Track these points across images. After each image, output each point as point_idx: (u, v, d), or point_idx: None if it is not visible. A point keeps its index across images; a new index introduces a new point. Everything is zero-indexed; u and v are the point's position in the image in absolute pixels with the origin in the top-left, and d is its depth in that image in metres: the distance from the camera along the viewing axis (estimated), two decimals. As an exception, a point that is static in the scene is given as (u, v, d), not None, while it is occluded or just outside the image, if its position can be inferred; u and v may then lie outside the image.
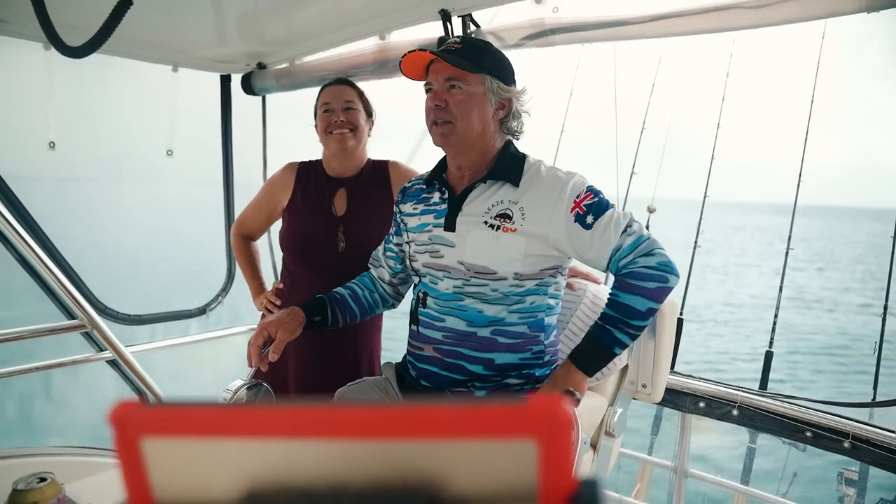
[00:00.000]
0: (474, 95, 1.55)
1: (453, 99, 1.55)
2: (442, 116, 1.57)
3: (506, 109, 1.61)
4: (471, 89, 1.55)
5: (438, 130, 1.58)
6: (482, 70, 1.55)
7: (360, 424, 0.38)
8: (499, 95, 1.58)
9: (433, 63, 1.58)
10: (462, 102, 1.55)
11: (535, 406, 0.36)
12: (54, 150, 2.43)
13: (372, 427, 0.38)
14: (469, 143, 1.59)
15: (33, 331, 2.27)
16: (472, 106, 1.55)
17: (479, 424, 0.37)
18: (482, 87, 1.56)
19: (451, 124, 1.56)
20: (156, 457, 0.40)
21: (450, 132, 1.57)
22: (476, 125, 1.57)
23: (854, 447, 2.03)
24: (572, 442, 0.37)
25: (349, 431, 0.38)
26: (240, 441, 0.40)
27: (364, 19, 2.42)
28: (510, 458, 0.37)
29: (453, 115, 1.55)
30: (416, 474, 0.38)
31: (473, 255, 1.55)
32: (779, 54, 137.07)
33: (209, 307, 3.11)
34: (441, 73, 1.56)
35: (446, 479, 0.38)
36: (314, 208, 2.14)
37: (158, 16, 2.27)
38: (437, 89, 1.57)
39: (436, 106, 1.57)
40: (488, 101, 1.57)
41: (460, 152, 1.62)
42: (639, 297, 1.47)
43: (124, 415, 0.40)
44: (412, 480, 0.38)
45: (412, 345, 1.70)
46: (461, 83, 1.54)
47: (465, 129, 1.56)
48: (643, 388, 1.97)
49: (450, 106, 1.55)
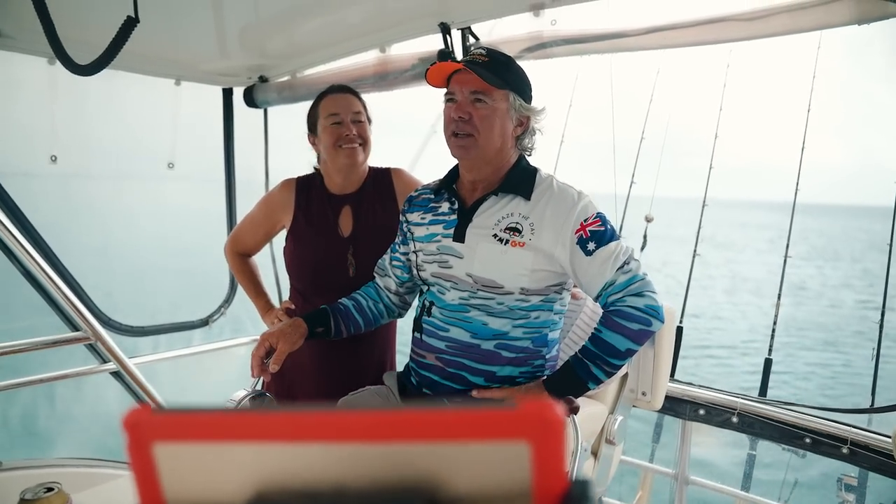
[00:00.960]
0: (498, 111, 1.56)
1: (478, 113, 1.55)
2: (464, 129, 1.56)
3: (524, 127, 1.63)
4: (495, 105, 1.55)
5: (459, 143, 1.58)
6: (507, 86, 1.56)
7: (360, 428, 0.40)
8: (520, 112, 1.59)
9: (457, 73, 1.58)
10: (486, 118, 1.55)
11: (528, 409, 0.38)
12: (56, 164, 2.45)
13: (372, 430, 0.40)
14: (488, 158, 1.60)
15: (37, 343, 2.29)
16: (494, 121, 1.56)
17: (473, 427, 0.39)
18: (506, 104, 1.56)
19: (473, 138, 1.56)
20: (167, 461, 0.42)
21: (471, 146, 1.57)
22: (496, 141, 1.57)
23: (852, 453, 2.05)
24: (564, 444, 0.39)
25: (350, 435, 0.40)
26: (247, 445, 0.42)
27: (364, 33, 2.45)
28: (504, 459, 0.39)
29: (476, 129, 1.55)
30: (414, 476, 0.40)
31: (482, 269, 1.56)
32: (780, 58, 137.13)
33: (212, 318, 3.13)
34: (467, 85, 1.55)
35: (444, 481, 0.40)
36: (319, 231, 2.06)
37: (161, 30, 2.30)
38: (461, 101, 1.56)
39: (459, 118, 1.56)
40: (510, 118, 1.58)
41: (477, 166, 1.62)
42: (620, 337, 1.48)
43: (137, 420, 0.42)
44: (411, 482, 0.40)
45: (415, 352, 1.72)
46: (486, 97, 1.54)
47: (486, 144, 1.57)
48: (643, 396, 1.98)
49: (473, 119, 1.55)
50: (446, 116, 1.61)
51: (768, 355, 3.15)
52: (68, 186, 2.98)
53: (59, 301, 2.31)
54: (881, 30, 1.71)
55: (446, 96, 1.61)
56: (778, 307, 3.18)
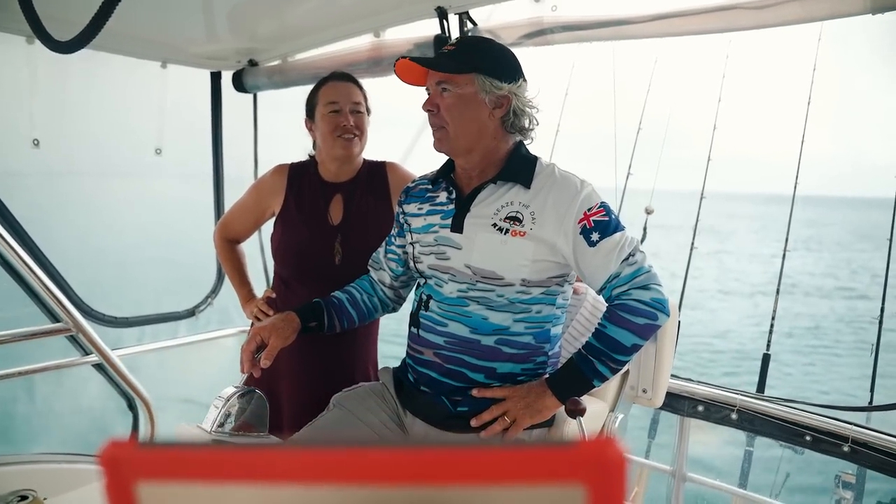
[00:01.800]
0: (463, 97, 1.50)
1: (444, 103, 1.51)
2: (434, 122, 1.54)
3: (504, 107, 1.54)
4: (460, 91, 1.50)
5: (435, 136, 1.56)
6: (470, 69, 1.49)
7: (382, 468, 0.34)
8: (492, 93, 1.51)
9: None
10: (452, 106, 1.51)
11: (586, 448, 0.32)
12: (38, 148, 2.36)
13: (397, 471, 0.34)
14: (466, 146, 1.55)
15: (16, 334, 2.21)
16: (462, 108, 1.50)
17: (520, 468, 0.32)
18: (472, 87, 1.50)
19: (444, 129, 1.52)
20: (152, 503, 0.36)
21: (444, 137, 1.53)
22: (469, 126, 1.52)
23: (854, 451, 2.02)
24: (626, 487, 0.33)
25: (370, 476, 0.34)
26: (247, 487, 0.35)
27: (359, 16, 2.38)
28: (557, 503, 0.33)
29: (444, 120, 1.52)
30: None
31: (480, 259, 1.51)
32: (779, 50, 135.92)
33: (198, 309, 3.06)
34: (433, 77, 1.53)
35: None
36: (309, 217, 2.03)
37: (147, 10, 2.21)
38: (431, 94, 1.54)
39: (428, 111, 1.54)
40: (482, 101, 1.51)
41: (459, 155, 1.58)
42: (626, 332, 1.44)
43: (117, 456, 0.36)
44: (443, 530, 0.34)
45: (412, 347, 1.66)
46: (450, 85, 1.50)
47: (458, 133, 1.52)
48: (643, 394, 1.94)
49: (441, 111, 1.52)
50: (423, 110, 1.58)
51: (766, 350, 3.12)
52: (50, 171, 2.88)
53: (38, 291, 2.22)
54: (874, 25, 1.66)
55: (427, 90, 1.58)
56: (776, 302, 3.15)
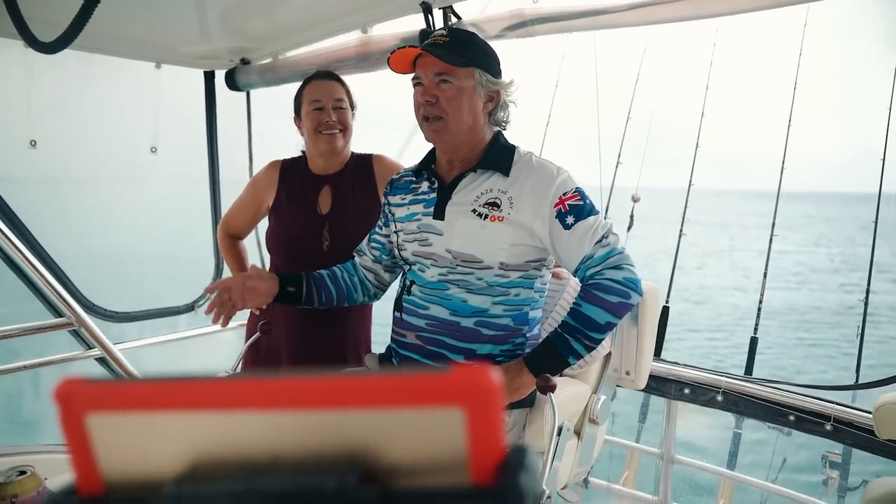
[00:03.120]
0: (464, 90, 1.55)
1: (444, 94, 1.54)
2: (433, 112, 1.56)
3: (494, 101, 1.61)
4: (461, 84, 1.54)
5: (430, 126, 1.58)
6: (471, 63, 1.54)
7: (292, 395, 0.39)
8: (488, 88, 1.58)
9: (421, 57, 1.57)
10: (453, 98, 1.54)
11: (461, 374, 0.37)
12: (35, 149, 2.43)
13: (304, 397, 0.39)
14: (461, 139, 1.60)
15: (20, 329, 2.27)
16: (462, 101, 1.55)
17: (406, 393, 0.38)
18: (472, 81, 1.55)
19: (443, 120, 1.56)
20: (101, 432, 0.42)
21: (442, 128, 1.57)
22: (467, 119, 1.57)
23: (836, 430, 2.06)
24: (501, 410, 0.38)
25: (283, 402, 0.39)
26: (182, 414, 0.41)
27: (346, 13, 2.42)
28: (439, 426, 0.38)
29: (444, 111, 1.55)
30: (350, 444, 0.40)
31: (461, 244, 1.56)
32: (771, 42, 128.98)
33: (197, 303, 3.12)
34: (430, 68, 1.55)
35: (379, 448, 0.39)
36: (299, 207, 2.12)
37: (140, 12, 2.27)
38: (427, 84, 1.56)
39: (426, 101, 1.56)
40: (478, 95, 1.57)
41: (452, 147, 1.62)
42: (600, 310, 1.48)
43: (69, 391, 0.41)
44: (346, 450, 0.40)
45: (395, 331, 1.71)
46: (451, 78, 1.54)
47: (457, 125, 1.56)
48: (626, 376, 1.99)
49: (440, 101, 1.54)
50: (415, 101, 1.60)
51: (754, 334, 3.16)
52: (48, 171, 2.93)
53: (41, 287, 2.29)
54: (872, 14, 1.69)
55: (413, 80, 1.60)
56: (763, 286, 3.19)
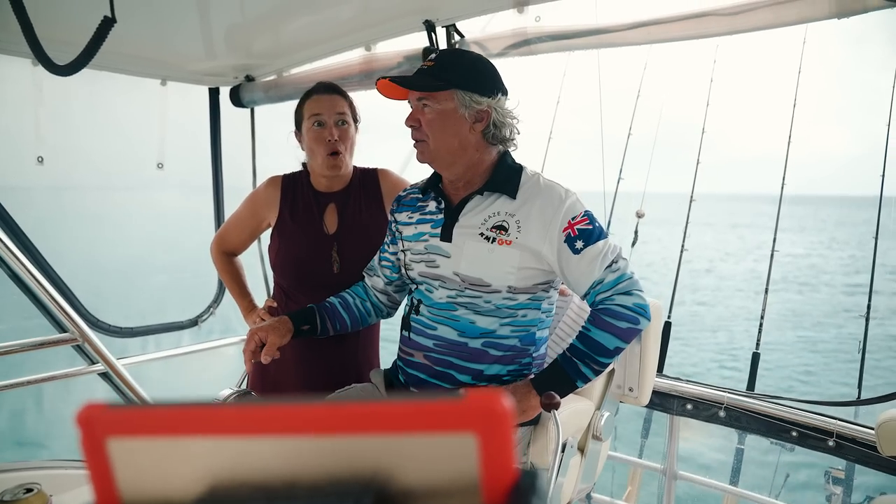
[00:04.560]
0: (444, 112, 1.55)
1: (424, 118, 1.56)
2: (417, 136, 1.59)
3: (485, 121, 1.57)
4: (440, 106, 1.55)
5: (417, 148, 1.61)
6: (449, 85, 1.54)
7: (308, 421, 0.40)
8: (471, 108, 1.55)
9: None
10: (432, 121, 1.56)
11: (473, 400, 0.38)
12: (43, 165, 2.44)
13: (320, 423, 0.40)
14: (448, 160, 1.60)
15: (24, 344, 2.28)
16: (442, 123, 1.55)
17: (419, 420, 0.39)
18: (452, 103, 1.54)
19: (425, 143, 1.58)
20: (121, 456, 0.43)
21: (425, 150, 1.59)
22: (450, 141, 1.57)
23: (838, 446, 2.06)
24: (512, 435, 0.39)
25: (299, 428, 0.40)
26: (200, 439, 0.42)
27: (350, 31, 2.45)
28: (452, 451, 0.39)
29: (425, 134, 1.57)
30: (364, 469, 0.41)
31: (468, 267, 1.56)
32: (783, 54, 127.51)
33: (201, 318, 3.12)
34: (414, 94, 1.58)
35: (393, 473, 0.40)
36: (304, 228, 2.04)
37: (146, 30, 2.29)
38: (413, 108, 1.59)
39: (410, 125, 1.60)
40: (461, 116, 1.55)
41: (442, 168, 1.64)
42: (609, 335, 1.49)
43: (91, 416, 0.42)
44: (361, 474, 0.41)
45: (403, 350, 1.72)
46: (430, 101, 1.55)
47: (438, 147, 1.57)
48: (630, 392, 1.99)
49: (422, 125, 1.57)
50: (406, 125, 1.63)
51: (756, 349, 3.16)
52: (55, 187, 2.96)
53: (45, 302, 2.30)
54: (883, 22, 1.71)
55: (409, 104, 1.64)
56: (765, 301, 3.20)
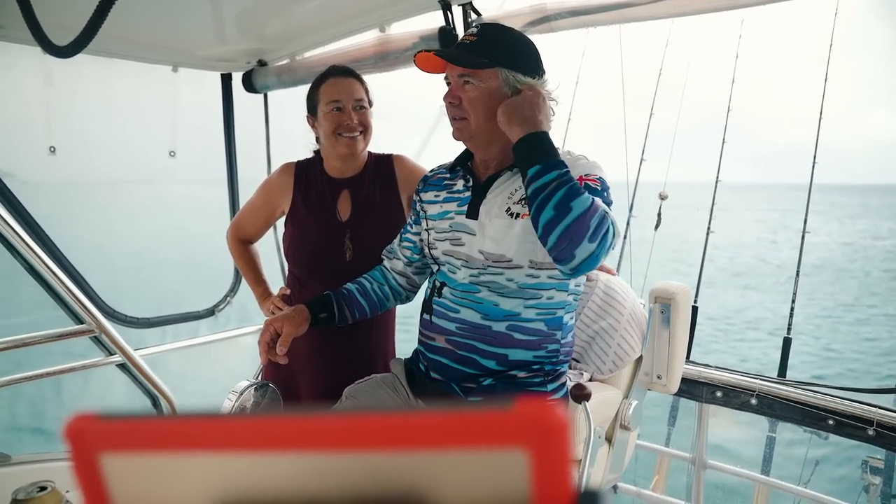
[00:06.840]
0: (488, 91, 1.50)
1: (466, 95, 1.51)
2: (456, 113, 1.54)
3: None
4: (484, 85, 1.50)
5: (455, 126, 1.57)
6: (495, 63, 1.49)
7: (335, 435, 0.34)
8: (514, 88, 1.50)
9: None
10: (475, 99, 1.51)
11: (524, 411, 0.32)
12: (55, 155, 2.41)
13: (348, 438, 0.34)
14: (487, 139, 1.56)
15: (42, 336, 2.27)
16: (486, 102, 1.50)
17: (461, 432, 0.33)
18: (496, 81, 1.50)
19: (466, 121, 1.54)
20: (116, 473, 0.37)
21: (464, 128, 1.55)
22: (492, 120, 1.51)
23: (879, 435, 1.98)
24: (568, 451, 0.33)
25: (324, 443, 0.35)
26: (207, 455, 0.36)
27: (363, 12, 2.38)
28: (499, 468, 0.33)
29: (467, 112, 1.52)
30: (398, 487, 0.35)
31: (491, 244, 1.53)
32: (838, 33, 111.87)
33: (217, 308, 3.10)
34: (455, 69, 1.52)
35: (431, 492, 0.35)
36: (317, 215, 2.02)
37: (157, 16, 2.24)
38: (453, 85, 1.54)
39: (449, 103, 1.54)
40: (504, 95, 1.50)
41: (479, 147, 1.60)
42: (584, 200, 1.33)
43: (81, 429, 0.37)
44: (394, 494, 0.35)
45: (423, 334, 1.67)
46: (473, 79, 1.50)
47: (480, 126, 1.53)
48: (658, 380, 1.92)
49: (463, 103, 1.52)
50: (444, 101, 1.58)
51: (787, 334, 3.07)
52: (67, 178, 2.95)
53: (62, 294, 2.28)
54: None
55: (445, 80, 1.58)
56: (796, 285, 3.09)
